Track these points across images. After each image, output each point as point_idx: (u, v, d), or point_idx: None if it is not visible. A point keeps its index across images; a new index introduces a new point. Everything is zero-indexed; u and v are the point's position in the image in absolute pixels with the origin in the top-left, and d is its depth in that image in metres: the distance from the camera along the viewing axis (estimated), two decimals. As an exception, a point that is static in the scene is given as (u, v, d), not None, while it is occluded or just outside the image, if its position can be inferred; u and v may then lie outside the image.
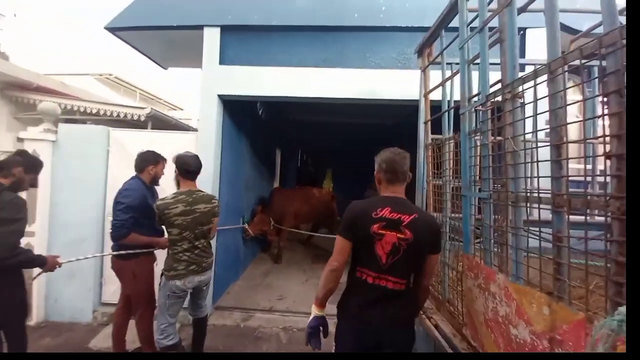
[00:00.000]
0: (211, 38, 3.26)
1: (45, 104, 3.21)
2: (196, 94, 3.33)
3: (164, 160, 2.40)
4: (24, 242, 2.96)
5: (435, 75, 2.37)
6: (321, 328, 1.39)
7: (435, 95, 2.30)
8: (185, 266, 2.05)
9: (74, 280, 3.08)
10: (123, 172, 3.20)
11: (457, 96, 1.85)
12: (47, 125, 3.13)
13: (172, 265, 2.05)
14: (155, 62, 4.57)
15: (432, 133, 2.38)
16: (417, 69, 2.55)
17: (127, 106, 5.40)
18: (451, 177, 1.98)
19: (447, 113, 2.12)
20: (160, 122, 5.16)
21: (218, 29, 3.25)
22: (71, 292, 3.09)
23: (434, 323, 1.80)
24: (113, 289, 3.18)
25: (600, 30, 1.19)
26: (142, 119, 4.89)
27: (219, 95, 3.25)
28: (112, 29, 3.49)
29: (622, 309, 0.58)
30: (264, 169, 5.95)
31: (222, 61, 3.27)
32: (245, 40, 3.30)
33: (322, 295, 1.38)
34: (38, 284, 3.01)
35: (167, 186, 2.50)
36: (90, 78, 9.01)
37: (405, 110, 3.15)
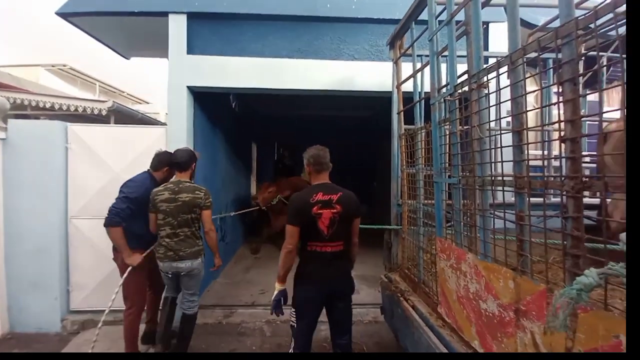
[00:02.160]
0: (177, 26, 3.08)
1: (-11, 98, 2.89)
2: (164, 86, 3.16)
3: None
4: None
5: (406, 67, 2.43)
6: (282, 299, 1.85)
7: (408, 87, 2.37)
8: (164, 251, 2.21)
9: (38, 289, 2.86)
10: (86, 171, 2.99)
11: (427, 87, 1.92)
12: (-6, 121, 2.82)
13: (157, 247, 2.26)
14: (116, 52, 4.25)
15: (405, 123, 2.46)
16: (390, 61, 2.59)
17: (85, 99, 5.01)
18: (423, 165, 2.06)
19: (418, 104, 2.19)
20: (124, 117, 4.85)
21: (184, 16, 3.08)
22: (36, 301, 2.86)
23: (411, 304, 1.89)
24: (82, 296, 3.00)
25: (556, 24, 1.28)
26: (104, 113, 4.56)
27: (188, 87, 3.10)
28: (65, 15, 3.19)
29: (580, 279, 0.64)
30: (240, 164, 5.81)
31: (190, 51, 3.12)
32: (214, 29, 3.16)
33: (282, 273, 1.80)
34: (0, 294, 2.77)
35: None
36: (41, 69, 8.23)
37: (380, 102, 3.20)
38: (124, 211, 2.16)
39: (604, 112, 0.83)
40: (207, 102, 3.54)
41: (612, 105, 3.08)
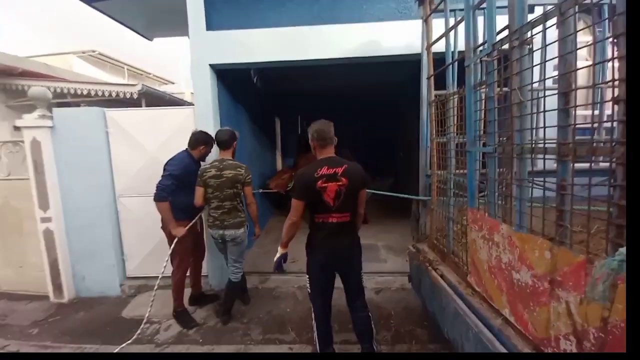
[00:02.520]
0: (194, 1, 3.03)
1: (35, 89, 3.11)
2: (187, 66, 3.19)
3: (213, 141, 2.71)
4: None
5: (438, 25, 2.23)
6: (283, 260, 2.05)
7: (439, 47, 2.18)
8: (213, 220, 2.56)
9: (96, 258, 3.24)
10: (125, 153, 3.21)
11: (462, 46, 1.76)
12: (42, 110, 3.06)
13: (207, 217, 2.63)
14: (139, 34, 4.32)
15: (436, 89, 2.31)
16: (419, 19, 2.39)
17: (117, 84, 5.23)
18: (455, 134, 1.96)
19: (451, 66, 2.03)
20: (153, 99, 5.03)
21: (201, -9, 3.01)
22: (96, 269, 3.27)
23: (439, 273, 1.91)
24: (136, 264, 3.37)
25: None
26: (135, 96, 4.77)
27: (210, 65, 3.11)
28: (88, 0, 3.26)
29: (623, 250, 0.61)
30: (265, 139, 5.89)
31: (209, 26, 3.07)
32: (230, 1, 3.07)
33: (285, 240, 1.97)
34: (63, 266, 3.19)
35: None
36: (73, 57, 8.61)
37: (408, 67, 3.01)
38: (169, 187, 2.41)
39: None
40: (230, 79, 3.55)
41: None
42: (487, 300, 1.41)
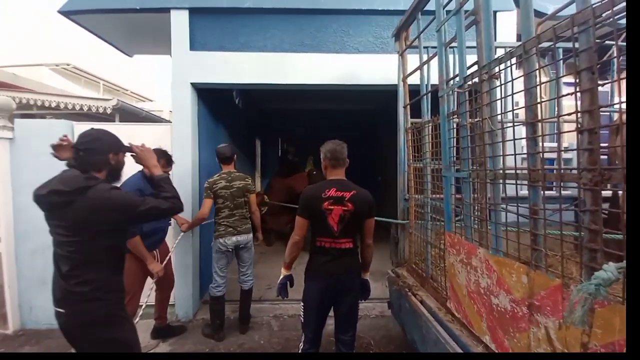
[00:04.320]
0: (179, 21, 3.05)
1: (-4, 98, 2.91)
2: (167, 83, 3.15)
3: (171, 158, 2.58)
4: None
5: (413, 59, 2.38)
6: (288, 282, 1.89)
7: (414, 79, 2.32)
8: (224, 228, 2.64)
9: (48, 286, 2.89)
10: (93, 169, 3.00)
11: (434, 79, 1.88)
12: (2, 121, 2.84)
13: (216, 227, 2.69)
14: (119, 49, 4.24)
15: (412, 117, 2.42)
16: (395, 53, 2.55)
17: (90, 98, 5.04)
18: (431, 159, 2.04)
19: (425, 96, 2.15)
20: (128, 115, 4.87)
21: (186, 12, 3.05)
22: (45, 299, 2.90)
23: (419, 299, 1.88)
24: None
25: (565, 12, 1.24)
26: (108, 111, 4.59)
27: (192, 84, 3.09)
28: (67, 13, 3.18)
29: (598, 274, 0.63)
30: (245, 159, 5.81)
31: (193, 47, 3.09)
32: (216, 24, 3.13)
33: (288, 261, 1.85)
34: (10, 293, 2.81)
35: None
36: (44, 69, 8.27)
37: (385, 96, 3.16)
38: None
39: (619, 103, 0.80)
40: (211, 97, 3.53)
41: (623, 95, 3.00)
42: (468, 326, 1.39)
